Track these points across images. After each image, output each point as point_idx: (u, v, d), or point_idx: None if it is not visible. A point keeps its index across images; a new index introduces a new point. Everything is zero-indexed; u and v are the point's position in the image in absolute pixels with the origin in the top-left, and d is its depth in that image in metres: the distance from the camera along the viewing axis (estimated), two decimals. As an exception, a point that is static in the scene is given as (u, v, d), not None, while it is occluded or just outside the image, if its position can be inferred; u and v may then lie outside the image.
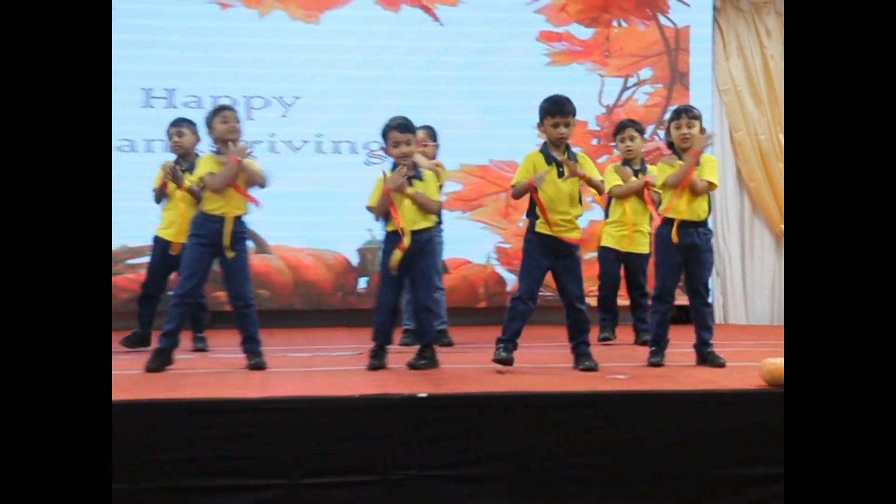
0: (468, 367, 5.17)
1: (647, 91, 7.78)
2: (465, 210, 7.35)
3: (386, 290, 5.09)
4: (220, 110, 5.05)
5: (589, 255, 6.67)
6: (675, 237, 4.93)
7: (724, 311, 7.68)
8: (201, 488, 3.86)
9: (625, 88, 7.76)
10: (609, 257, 6.02)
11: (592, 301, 6.03)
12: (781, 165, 7.80)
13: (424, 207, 4.89)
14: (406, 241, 4.88)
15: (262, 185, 5.05)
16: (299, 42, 7.42)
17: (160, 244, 5.79)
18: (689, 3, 7.68)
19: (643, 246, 5.88)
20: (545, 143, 4.76)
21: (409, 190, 4.77)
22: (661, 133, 7.49)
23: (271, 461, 4.00)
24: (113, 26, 6.94)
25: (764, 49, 7.80)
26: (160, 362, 4.86)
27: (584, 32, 7.65)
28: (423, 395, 4.20)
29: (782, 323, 6.68)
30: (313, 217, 7.35)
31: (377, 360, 5.03)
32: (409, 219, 4.82)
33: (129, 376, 4.85)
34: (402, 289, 5.10)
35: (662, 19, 7.73)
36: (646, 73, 7.74)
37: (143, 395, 4.26)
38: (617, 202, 5.73)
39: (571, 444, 4.05)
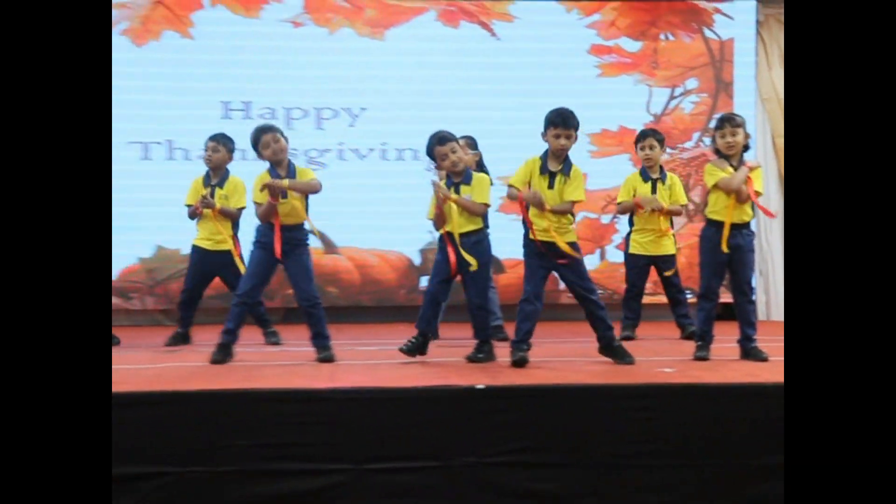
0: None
1: (692, 100, 7.78)
2: (521, 213, 7.25)
3: (430, 282, 5.13)
4: (258, 137, 5.02)
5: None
6: (724, 246, 4.89)
7: (766, 308, 7.65)
8: (274, 471, 3.97)
9: (671, 98, 7.79)
10: (637, 264, 6.04)
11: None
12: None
13: (469, 211, 4.85)
14: (462, 252, 4.85)
15: (316, 192, 5.07)
16: (365, 57, 7.53)
17: (197, 252, 5.89)
18: (732, 16, 7.71)
19: (669, 247, 5.95)
20: (546, 152, 4.75)
21: (453, 195, 4.78)
22: (707, 140, 7.50)
23: (338, 447, 4.07)
24: (194, 46, 7.42)
25: (805, 59, 7.84)
26: (223, 355, 4.98)
27: (632, 45, 7.71)
28: (481, 386, 4.23)
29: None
30: (378, 220, 7.46)
31: (405, 345, 5.04)
32: (455, 222, 4.83)
33: (209, 368, 4.97)
34: (449, 283, 5.09)
35: (708, 32, 7.77)
36: (692, 83, 7.74)
37: (221, 386, 4.35)
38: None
39: (623, 432, 4.13)
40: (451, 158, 4.74)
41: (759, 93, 7.80)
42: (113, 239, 4.84)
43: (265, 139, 4.93)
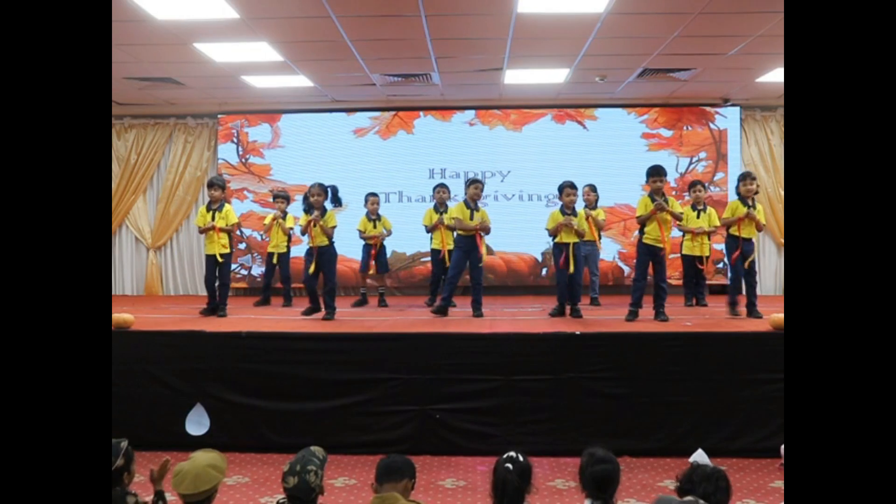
0: (605, 318, 6.40)
1: (703, 165, 9.90)
2: (603, 230, 8.74)
3: (562, 273, 6.51)
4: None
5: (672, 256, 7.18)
6: (740, 249, 5.98)
7: (762, 284, 9.15)
8: (460, 379, 4.93)
9: (691, 163, 9.92)
10: (687, 260, 7.60)
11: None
12: (779, 206, 9.75)
13: (578, 234, 6.42)
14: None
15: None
16: (510, 142, 9.97)
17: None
18: (726, 115, 9.93)
19: (706, 251, 7.33)
20: (651, 192, 5.94)
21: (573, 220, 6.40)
22: (713, 188, 9.60)
23: (495, 366, 4.89)
24: (414, 137, 9.99)
25: (770, 141, 10.00)
26: (442, 313, 6.42)
27: (667, 133, 9.91)
28: (578, 332, 4.96)
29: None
30: (518, 235, 9.67)
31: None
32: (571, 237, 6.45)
33: (429, 319, 6.08)
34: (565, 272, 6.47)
35: (712, 125, 9.97)
36: (702, 154, 9.91)
37: (433, 330, 5.31)
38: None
39: (661, 359, 4.92)
40: (572, 198, 6.61)
41: (742, 160, 9.85)
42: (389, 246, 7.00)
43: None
